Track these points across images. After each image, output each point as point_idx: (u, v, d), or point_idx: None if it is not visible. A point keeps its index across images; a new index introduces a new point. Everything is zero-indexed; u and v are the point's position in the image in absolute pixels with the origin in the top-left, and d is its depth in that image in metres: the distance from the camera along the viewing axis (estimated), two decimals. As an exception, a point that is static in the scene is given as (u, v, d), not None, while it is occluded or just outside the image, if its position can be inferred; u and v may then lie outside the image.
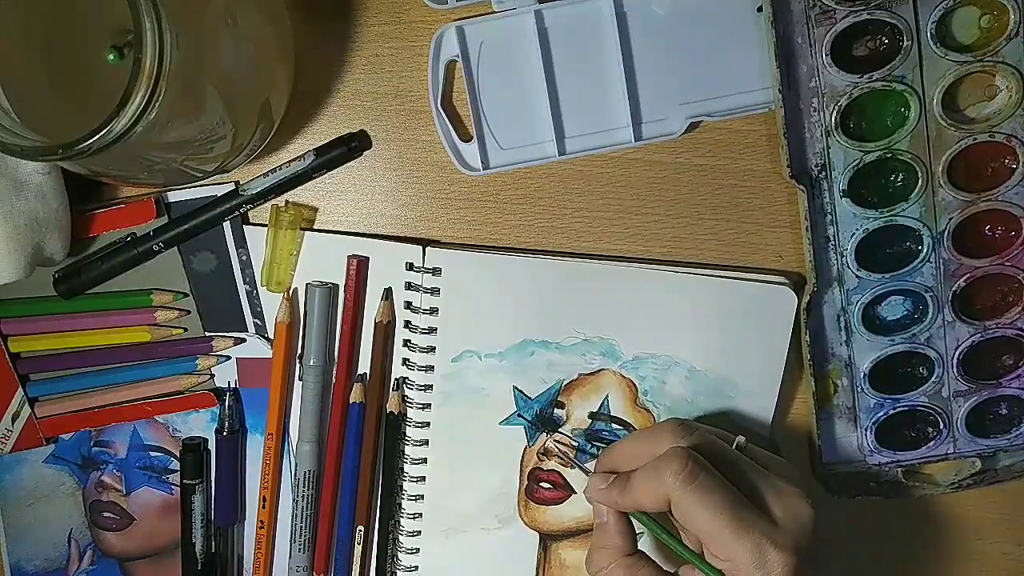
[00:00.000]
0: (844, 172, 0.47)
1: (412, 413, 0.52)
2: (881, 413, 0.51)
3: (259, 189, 0.48)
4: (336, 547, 0.53)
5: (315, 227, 0.51)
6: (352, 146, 0.48)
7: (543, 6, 0.46)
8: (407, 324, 0.51)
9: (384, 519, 0.53)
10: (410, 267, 0.50)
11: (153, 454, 0.54)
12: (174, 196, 0.50)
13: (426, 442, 0.52)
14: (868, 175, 0.47)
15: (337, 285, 0.51)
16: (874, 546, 0.54)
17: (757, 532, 0.41)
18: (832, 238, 0.48)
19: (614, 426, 0.51)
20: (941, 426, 0.51)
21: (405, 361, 0.52)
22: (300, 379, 0.52)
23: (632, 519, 0.46)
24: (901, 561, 0.54)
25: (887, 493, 0.52)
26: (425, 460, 0.52)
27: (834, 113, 0.46)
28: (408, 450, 0.52)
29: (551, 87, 0.47)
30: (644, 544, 0.48)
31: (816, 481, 0.52)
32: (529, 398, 0.51)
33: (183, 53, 0.35)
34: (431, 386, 0.51)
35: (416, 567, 0.54)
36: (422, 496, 0.53)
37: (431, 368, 0.51)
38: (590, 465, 0.49)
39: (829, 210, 0.48)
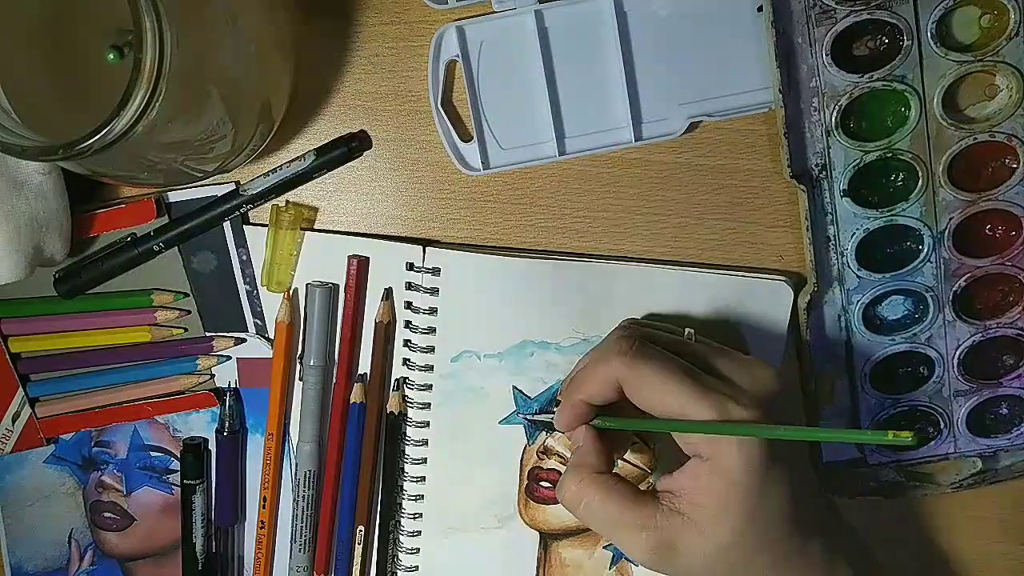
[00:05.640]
0: (844, 172, 0.47)
1: (412, 413, 0.52)
2: (881, 413, 0.51)
3: (259, 189, 0.48)
4: (336, 547, 0.53)
5: (315, 227, 0.51)
6: (352, 146, 0.48)
7: (543, 6, 0.46)
8: (407, 324, 0.51)
9: (384, 519, 0.53)
10: (410, 267, 0.50)
11: (153, 454, 0.54)
12: (174, 196, 0.50)
13: (426, 442, 0.52)
14: (868, 175, 0.47)
15: (337, 285, 0.51)
16: (874, 546, 0.54)
17: (717, 393, 0.40)
18: (832, 238, 0.48)
19: (614, 426, 0.51)
20: (941, 426, 0.51)
21: (405, 361, 0.52)
22: (300, 379, 0.52)
23: (604, 432, 0.44)
24: (901, 561, 0.54)
25: (887, 493, 0.52)
26: (425, 460, 0.52)
27: (834, 113, 0.46)
28: (408, 450, 0.52)
29: (551, 87, 0.47)
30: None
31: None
32: (528, 397, 0.51)
33: (183, 53, 0.35)
34: (431, 386, 0.51)
35: (416, 567, 0.54)
36: (422, 496, 0.53)
37: (431, 368, 0.51)
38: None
39: (829, 210, 0.48)
